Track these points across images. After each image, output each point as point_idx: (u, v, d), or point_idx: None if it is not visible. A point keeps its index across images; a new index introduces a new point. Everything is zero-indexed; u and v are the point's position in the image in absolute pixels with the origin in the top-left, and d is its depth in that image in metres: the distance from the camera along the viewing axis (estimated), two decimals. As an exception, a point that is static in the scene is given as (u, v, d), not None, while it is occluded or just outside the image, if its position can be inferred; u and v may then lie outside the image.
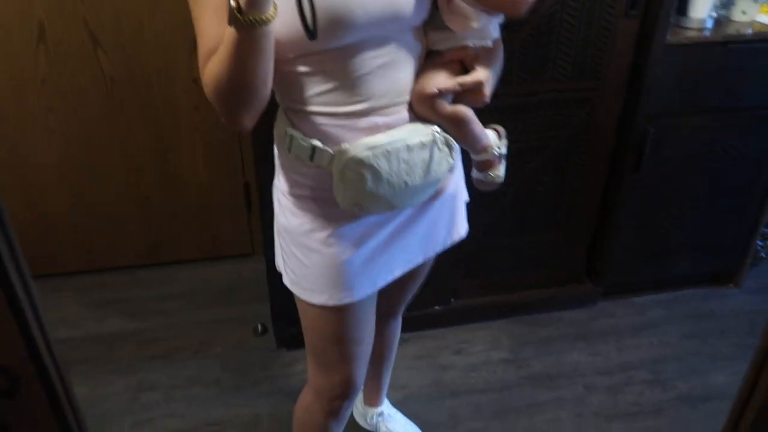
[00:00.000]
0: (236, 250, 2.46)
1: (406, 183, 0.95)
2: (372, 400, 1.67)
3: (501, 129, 1.11)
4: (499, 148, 1.08)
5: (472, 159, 1.08)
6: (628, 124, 1.84)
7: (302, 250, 1.03)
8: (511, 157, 1.81)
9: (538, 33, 1.64)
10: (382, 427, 1.65)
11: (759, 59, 1.79)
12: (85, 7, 1.90)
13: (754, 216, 2.13)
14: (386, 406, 1.69)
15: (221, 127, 2.18)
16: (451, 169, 1.03)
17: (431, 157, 0.96)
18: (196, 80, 2.07)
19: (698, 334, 2.13)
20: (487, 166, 1.07)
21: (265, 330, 2.10)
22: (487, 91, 0.97)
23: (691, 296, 2.30)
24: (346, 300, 1.05)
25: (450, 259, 1.97)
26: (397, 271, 1.11)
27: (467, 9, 0.92)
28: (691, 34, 1.75)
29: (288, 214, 1.04)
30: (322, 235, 1.01)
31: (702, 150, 1.94)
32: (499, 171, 1.08)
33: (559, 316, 2.20)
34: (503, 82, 1.68)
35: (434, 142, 0.96)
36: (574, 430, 1.78)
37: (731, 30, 1.80)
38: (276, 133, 1.02)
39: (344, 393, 1.17)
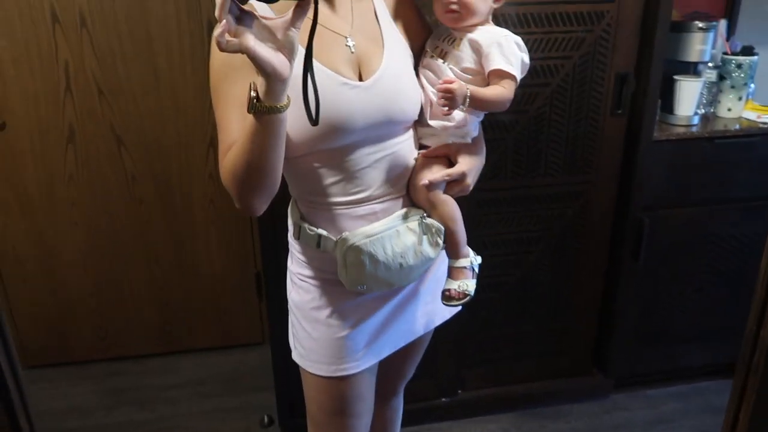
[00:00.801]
0: (247, 339, 2.50)
1: (401, 264, 1.06)
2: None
3: (475, 252, 1.20)
4: (474, 260, 1.15)
5: (448, 268, 1.15)
6: (624, 215, 1.89)
7: (311, 323, 1.13)
8: (509, 247, 1.88)
9: (528, 131, 1.74)
10: None
11: (746, 153, 1.86)
12: (113, 112, 2.08)
13: (762, 305, 2.12)
14: (388, 502, 1.65)
15: (235, 219, 2.29)
16: (440, 249, 1.11)
17: (420, 240, 1.07)
18: (212, 175, 2.21)
19: (714, 430, 2.06)
20: (461, 275, 1.13)
21: (271, 421, 2.09)
22: (470, 180, 1.10)
23: (707, 389, 2.25)
24: (350, 371, 1.12)
25: (456, 349, 1.99)
26: (400, 343, 1.20)
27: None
28: (678, 130, 1.84)
29: (300, 291, 1.14)
30: (328, 310, 1.11)
31: (698, 239, 1.98)
32: (471, 284, 1.13)
33: (569, 409, 2.15)
34: (498, 176, 1.79)
35: (421, 226, 1.07)
36: None
37: (718, 126, 1.89)
38: (289, 222, 1.15)
39: None
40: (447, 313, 1.28)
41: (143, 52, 2.04)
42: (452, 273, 1.14)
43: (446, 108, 1.03)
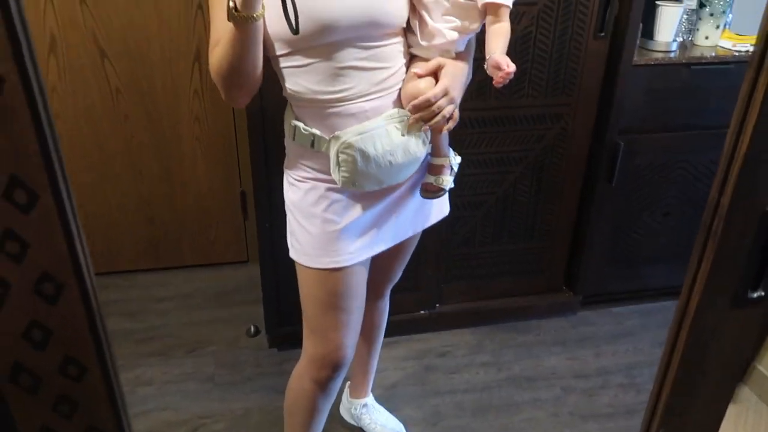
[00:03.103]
0: (231, 257, 2.56)
1: (390, 162, 1.13)
2: (357, 392, 1.76)
3: (456, 153, 1.30)
4: (453, 160, 1.26)
5: (429, 164, 1.25)
6: (601, 138, 1.97)
7: (308, 219, 1.19)
8: (491, 167, 1.96)
9: (514, 51, 1.78)
10: (366, 419, 1.74)
11: (721, 80, 1.93)
12: (95, 21, 2.04)
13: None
14: (371, 399, 1.78)
15: (220, 137, 2.31)
16: (426, 149, 1.19)
17: (408, 139, 1.13)
18: (197, 92, 2.21)
19: (672, 342, 2.23)
20: (439, 171, 1.24)
21: (257, 331, 2.19)
22: (455, 94, 1.14)
23: (667, 307, 2.41)
24: (343, 263, 1.20)
25: (436, 265, 2.08)
26: (390, 242, 1.28)
27: (439, 30, 1.12)
28: (657, 55, 1.90)
29: (297, 190, 1.21)
30: (324, 205, 1.18)
31: (670, 163, 2.07)
32: (447, 179, 1.25)
33: (539, 324, 2.29)
34: (482, 96, 1.84)
35: (408, 125, 1.13)
36: (551, 429, 1.87)
37: (695, 53, 1.95)
38: (285, 124, 1.20)
39: (333, 362, 1.28)
40: (434, 217, 1.35)
41: (126, -40, 1.99)
42: (432, 169, 1.24)
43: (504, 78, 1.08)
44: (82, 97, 2.15)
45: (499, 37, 1.10)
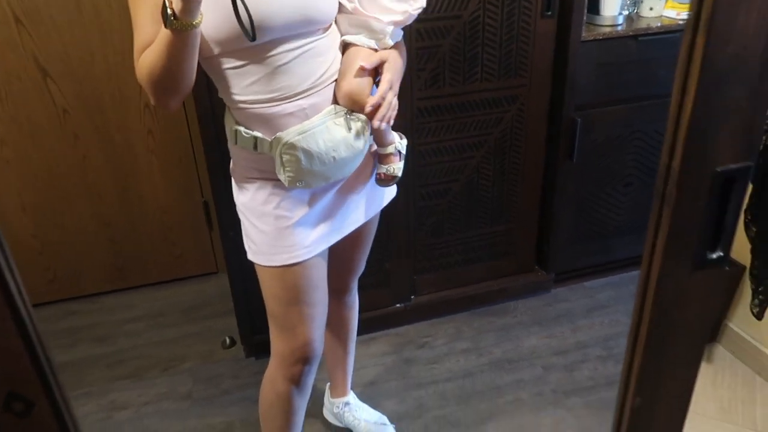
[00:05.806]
0: (199, 270, 2.51)
1: (334, 158, 1.12)
2: (338, 391, 1.74)
3: (401, 134, 1.31)
4: (400, 145, 1.27)
5: (378, 154, 1.26)
6: (557, 116, 1.98)
7: (259, 218, 1.18)
8: (452, 154, 1.95)
9: (464, 37, 1.78)
10: (349, 417, 1.72)
11: (668, 49, 1.96)
12: (33, 41, 1.97)
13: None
14: (352, 396, 1.76)
15: (176, 148, 2.26)
16: (367, 141, 1.19)
17: (348, 133, 1.13)
18: (148, 104, 2.15)
19: (644, 310, 2.26)
20: (388, 160, 1.26)
21: (233, 342, 2.15)
22: (396, 88, 1.16)
23: (637, 276, 2.44)
24: (300, 258, 1.19)
25: (406, 257, 2.07)
26: (345, 231, 1.27)
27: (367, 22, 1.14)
28: (604, 30, 1.91)
29: (246, 191, 1.19)
30: (274, 203, 1.16)
31: (626, 135, 2.10)
32: (398, 165, 1.27)
33: (515, 305, 2.31)
34: (437, 84, 1.83)
35: (347, 121, 1.14)
36: (535, 408, 1.88)
37: (641, 24, 1.97)
38: (226, 129, 1.18)
39: (303, 356, 1.27)
40: (385, 200, 1.36)
41: (59, -25, 1.92)
42: (381, 158, 1.25)
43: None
44: (26, 120, 2.07)
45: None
